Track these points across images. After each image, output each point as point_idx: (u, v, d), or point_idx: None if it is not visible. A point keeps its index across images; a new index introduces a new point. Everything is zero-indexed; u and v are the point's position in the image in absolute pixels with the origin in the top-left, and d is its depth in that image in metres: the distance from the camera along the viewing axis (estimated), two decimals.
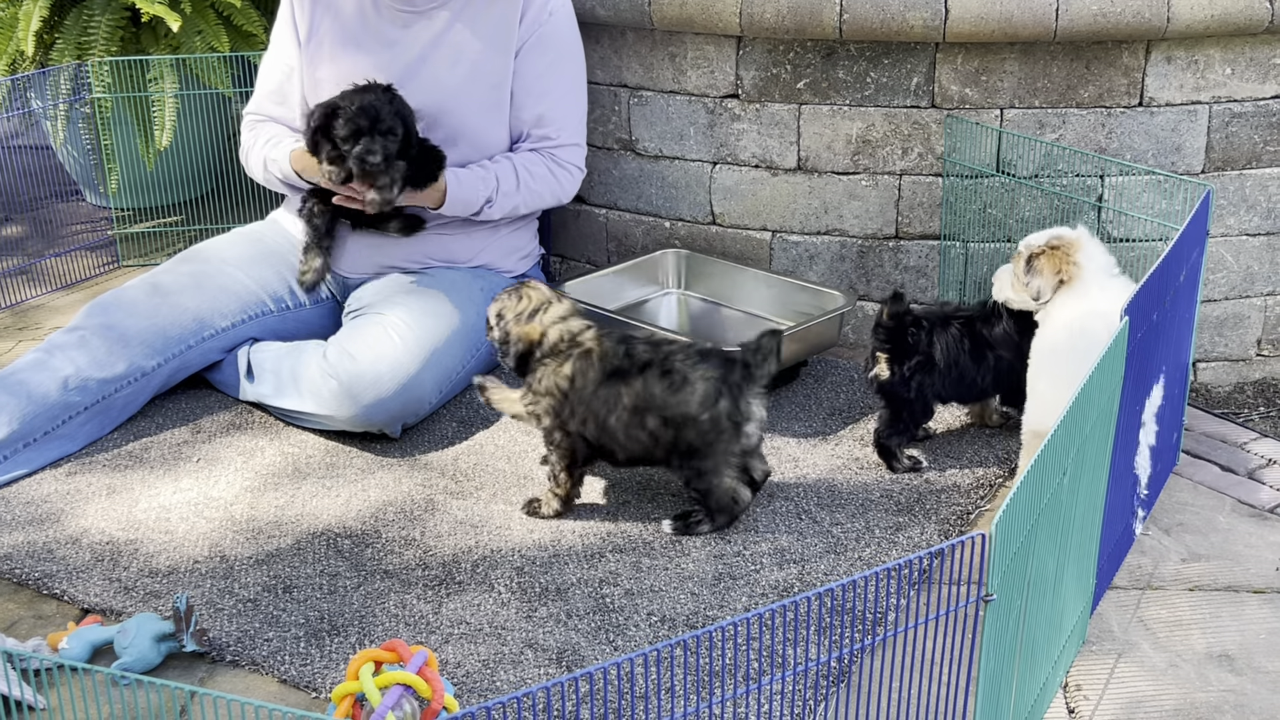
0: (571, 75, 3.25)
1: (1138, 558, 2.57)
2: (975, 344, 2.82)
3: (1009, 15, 3.00)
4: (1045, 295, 2.68)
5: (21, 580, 2.54)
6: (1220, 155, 3.16)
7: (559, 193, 3.26)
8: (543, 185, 3.20)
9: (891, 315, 2.79)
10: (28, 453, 2.89)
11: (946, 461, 2.88)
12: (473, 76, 3.11)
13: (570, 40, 3.24)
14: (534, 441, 2.97)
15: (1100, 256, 2.70)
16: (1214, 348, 3.29)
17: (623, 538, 2.62)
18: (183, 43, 4.05)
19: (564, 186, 3.26)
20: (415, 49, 3.12)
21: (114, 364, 3.00)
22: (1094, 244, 2.71)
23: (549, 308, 2.68)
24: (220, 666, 2.30)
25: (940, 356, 2.79)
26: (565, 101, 3.23)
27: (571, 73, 3.25)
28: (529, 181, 3.16)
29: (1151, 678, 2.25)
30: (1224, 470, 2.89)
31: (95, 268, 4.02)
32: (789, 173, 3.32)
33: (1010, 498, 1.68)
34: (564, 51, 3.22)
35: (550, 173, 3.20)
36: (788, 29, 3.13)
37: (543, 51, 3.16)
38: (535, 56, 3.15)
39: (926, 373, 2.79)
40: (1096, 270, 2.68)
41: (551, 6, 3.16)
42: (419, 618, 2.40)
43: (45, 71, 4.01)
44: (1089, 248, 2.70)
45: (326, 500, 2.78)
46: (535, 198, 3.20)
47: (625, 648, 2.32)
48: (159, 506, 2.76)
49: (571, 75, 3.25)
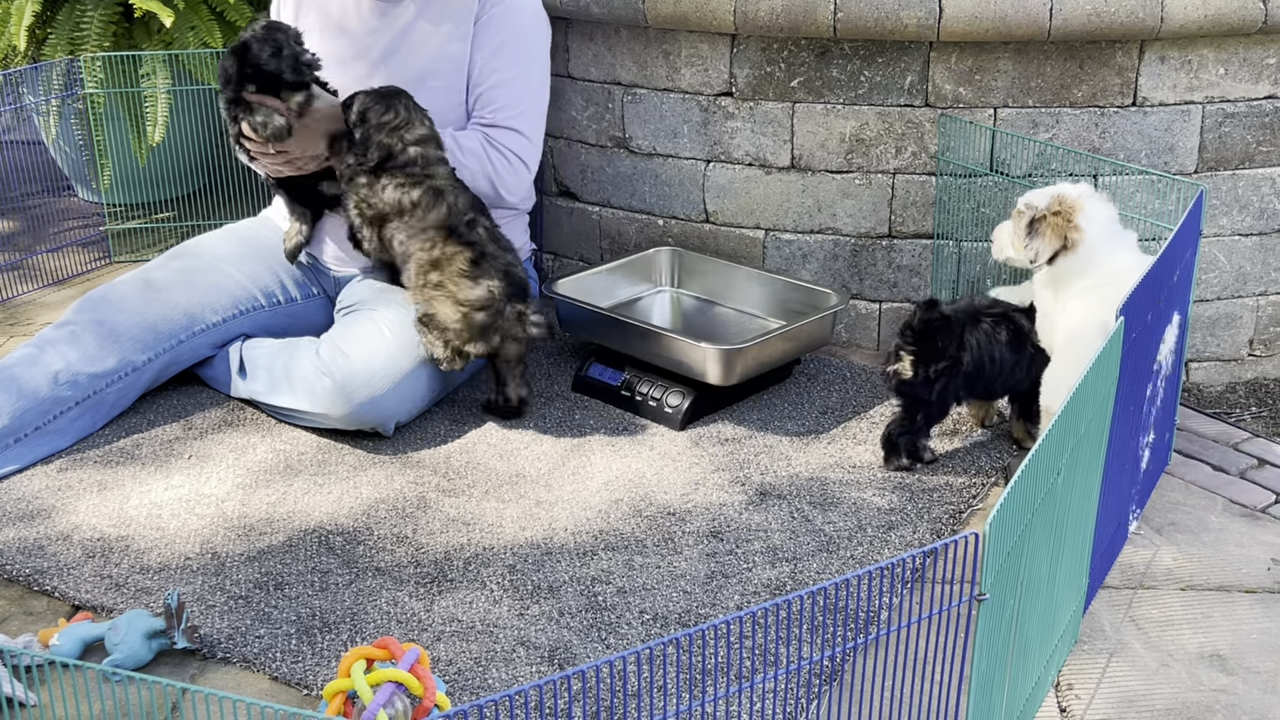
0: (520, 62, 3.16)
1: (1130, 557, 2.57)
2: (1015, 337, 2.81)
3: (1003, 14, 3.00)
4: (1043, 258, 2.69)
5: (12, 576, 2.53)
6: (1213, 155, 3.16)
7: (491, 175, 3.14)
8: (473, 160, 3.10)
9: (923, 320, 2.77)
10: (18, 448, 2.88)
11: (939, 460, 2.88)
12: (436, 62, 3.11)
13: (525, 29, 3.17)
14: (528, 439, 2.97)
15: (1103, 215, 2.69)
16: (1206, 348, 3.29)
17: (615, 536, 2.62)
18: (175, 38, 4.04)
19: (498, 171, 3.15)
20: (387, 37, 3.13)
21: (105, 359, 2.99)
22: (1096, 201, 2.70)
23: (412, 127, 2.96)
24: (211, 663, 2.30)
25: (969, 359, 2.78)
26: (511, 87, 3.14)
27: (520, 60, 3.16)
28: (455, 151, 3.07)
29: (1143, 677, 2.25)
30: (1216, 470, 2.89)
31: (87, 263, 4.01)
32: (782, 171, 3.32)
33: (1004, 497, 1.68)
34: (514, 37, 3.14)
35: (483, 149, 3.12)
36: (782, 27, 3.13)
37: (492, 33, 3.12)
38: (484, 38, 3.12)
39: (951, 376, 2.78)
40: (1100, 231, 2.68)
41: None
42: (411, 615, 2.39)
43: (38, 66, 3.99)
44: (1090, 208, 2.69)
45: (318, 497, 2.77)
46: (463, 169, 3.08)
47: (617, 646, 2.31)
48: (150, 503, 2.75)
49: (520, 62, 3.16)
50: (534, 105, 3.21)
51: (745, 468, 2.85)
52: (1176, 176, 2.97)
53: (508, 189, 3.18)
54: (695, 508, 2.71)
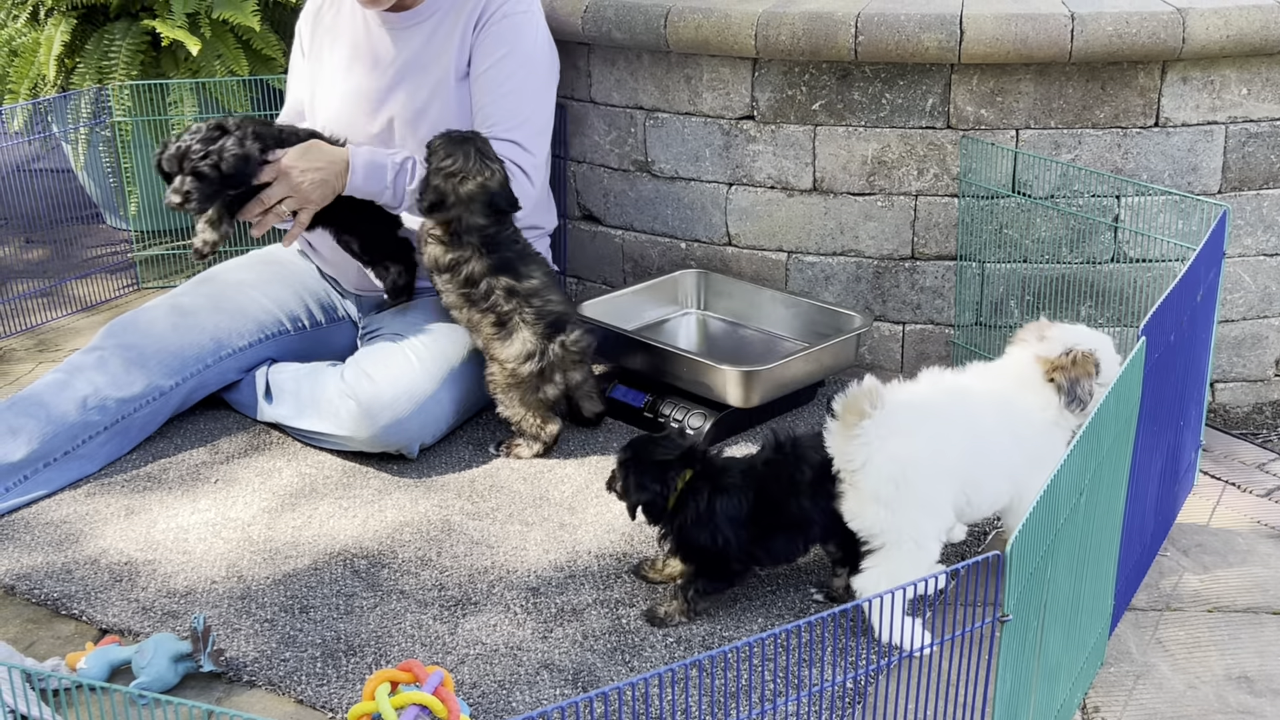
0: (519, 77, 3.15)
1: (1156, 578, 2.56)
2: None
3: (1024, 36, 3.00)
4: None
5: (40, 600, 2.55)
6: (1237, 175, 3.15)
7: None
8: None
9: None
10: (47, 473, 2.90)
11: None
12: (442, 84, 3.13)
13: (525, 45, 3.16)
14: (551, 463, 2.98)
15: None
16: (1232, 368, 3.27)
17: (639, 558, 2.62)
18: (202, 66, 4.08)
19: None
20: (399, 63, 3.15)
21: (132, 384, 3.02)
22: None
23: (467, 180, 2.92)
24: (237, 686, 2.31)
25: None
26: (508, 101, 3.13)
27: (519, 75, 3.15)
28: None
29: (1170, 699, 2.24)
30: (1242, 491, 2.87)
31: (115, 290, 4.04)
32: (804, 194, 3.33)
33: (1027, 518, 1.68)
34: (513, 52, 3.14)
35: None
36: (803, 51, 3.14)
37: (492, 48, 3.12)
38: (482, 54, 3.12)
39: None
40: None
41: (506, 9, 3.12)
42: (435, 638, 2.40)
43: (66, 95, 4.04)
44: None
45: (343, 521, 2.78)
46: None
47: (641, 669, 2.31)
48: (177, 527, 2.77)
49: (519, 77, 3.15)
50: (532, 117, 3.17)
51: None
52: (1200, 197, 2.96)
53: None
54: None
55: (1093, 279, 3.20)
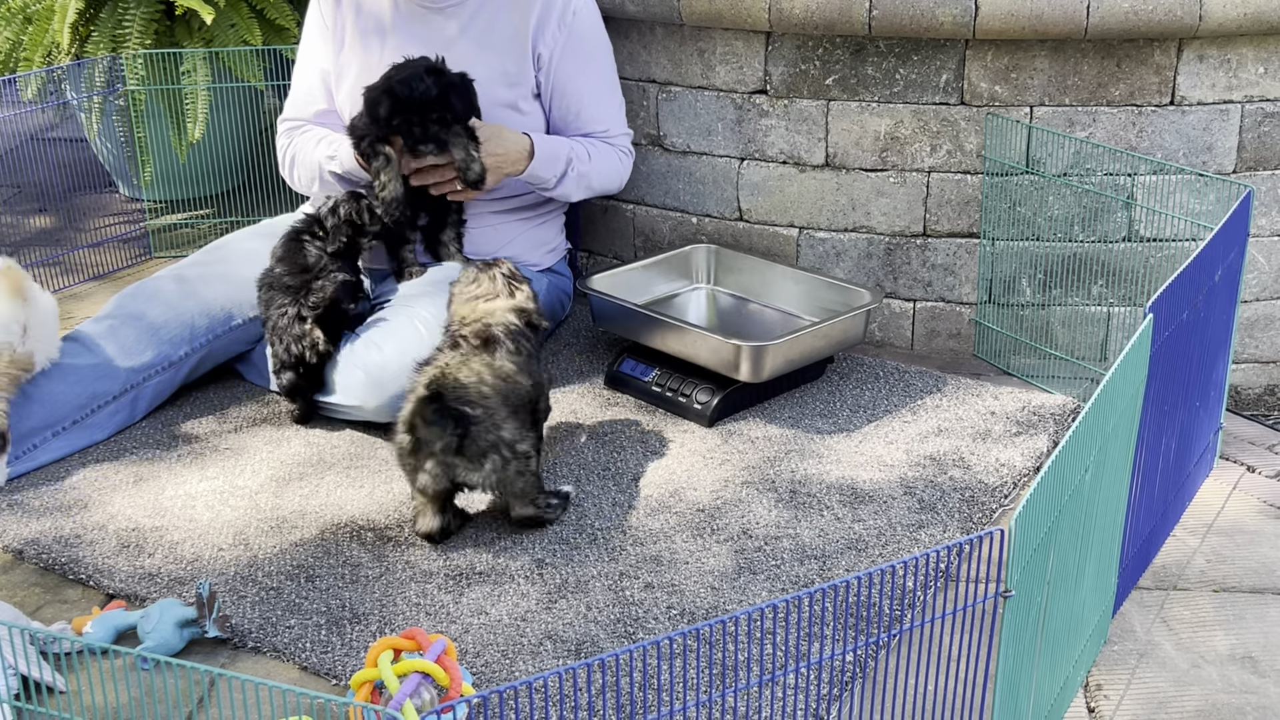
0: (607, 71, 3.32)
1: (1163, 558, 2.55)
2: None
3: (1039, 12, 2.98)
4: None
5: (48, 566, 2.56)
6: (1252, 155, 3.13)
7: (621, 172, 3.36)
8: (607, 163, 3.30)
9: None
10: (57, 441, 2.91)
11: (972, 460, 2.86)
12: (487, 74, 3.12)
13: (599, 36, 3.29)
14: (559, 434, 2.98)
15: None
16: (1245, 349, 3.26)
17: (643, 531, 2.62)
18: (216, 36, 4.08)
19: (625, 165, 3.37)
20: (434, 46, 3.14)
21: (142, 353, 3.02)
22: None
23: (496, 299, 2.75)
24: (242, 653, 2.32)
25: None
26: (605, 97, 3.31)
27: (606, 69, 3.32)
28: (596, 156, 3.27)
29: (1173, 679, 2.23)
30: (1252, 472, 2.86)
31: (128, 259, 4.05)
32: (816, 169, 3.31)
33: (1031, 493, 1.67)
34: (595, 49, 3.27)
35: (612, 153, 3.31)
36: (817, 25, 3.12)
37: (575, 53, 3.22)
38: (568, 60, 3.21)
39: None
40: None
41: (575, 6, 3.18)
42: (439, 607, 2.41)
43: (80, 64, 4.04)
44: None
45: (350, 491, 2.79)
46: (602, 175, 3.29)
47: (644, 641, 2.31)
48: (185, 495, 2.78)
49: (607, 71, 3.32)
50: (621, 102, 3.39)
51: (775, 465, 2.85)
52: (1218, 176, 2.94)
53: (625, 178, 3.40)
54: (724, 504, 2.71)
55: (1105, 258, 3.18)
